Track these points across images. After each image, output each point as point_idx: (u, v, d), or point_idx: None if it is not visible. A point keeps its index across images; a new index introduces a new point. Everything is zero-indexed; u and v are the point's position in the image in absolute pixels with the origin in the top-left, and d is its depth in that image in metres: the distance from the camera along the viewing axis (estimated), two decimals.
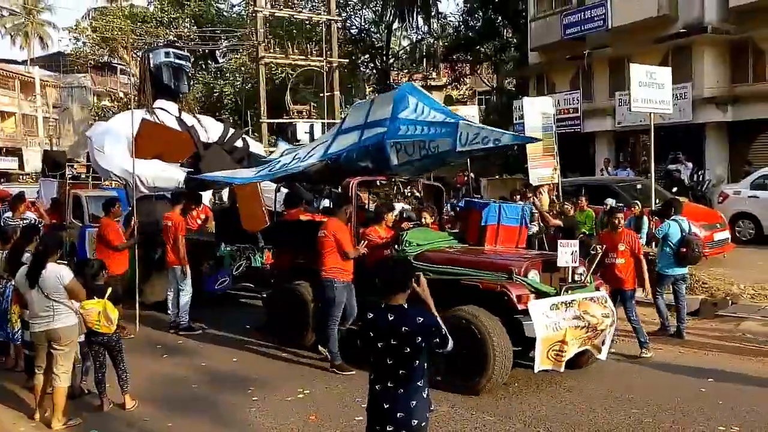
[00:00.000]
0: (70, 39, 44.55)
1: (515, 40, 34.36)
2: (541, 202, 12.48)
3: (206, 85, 34.88)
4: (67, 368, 6.42)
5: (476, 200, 9.94)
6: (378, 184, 10.08)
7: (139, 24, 34.77)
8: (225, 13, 37.73)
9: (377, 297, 4.01)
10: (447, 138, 7.72)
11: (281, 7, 28.28)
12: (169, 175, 11.68)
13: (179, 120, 13.13)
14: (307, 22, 31.75)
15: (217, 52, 38.48)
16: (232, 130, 13.18)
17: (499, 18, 34.96)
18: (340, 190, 9.49)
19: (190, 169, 11.68)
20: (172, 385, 7.66)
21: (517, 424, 6.19)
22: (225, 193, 14.19)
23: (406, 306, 3.94)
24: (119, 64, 41.98)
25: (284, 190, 10.91)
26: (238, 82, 34.80)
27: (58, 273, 6.31)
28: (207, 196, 13.64)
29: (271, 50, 28.09)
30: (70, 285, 6.31)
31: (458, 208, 12.25)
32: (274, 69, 30.98)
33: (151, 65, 13.43)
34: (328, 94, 28.18)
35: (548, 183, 13.43)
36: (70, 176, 18.44)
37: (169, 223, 9.93)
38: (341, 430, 6.21)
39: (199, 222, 12.10)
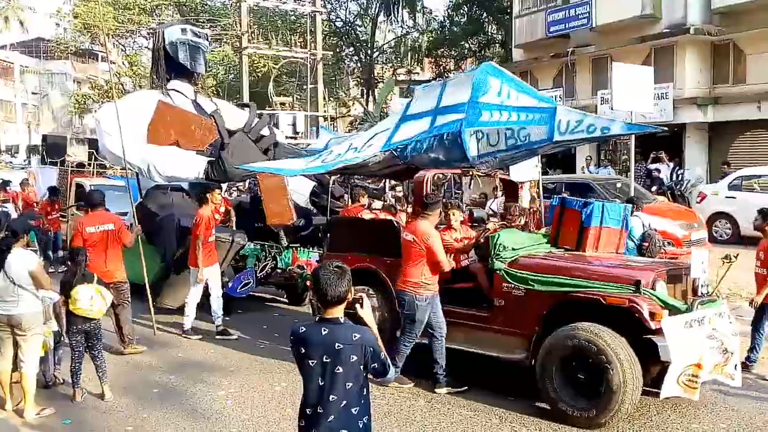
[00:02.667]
0: (51, 25, 44.06)
1: (499, 37, 34.48)
2: (520, 199, 12.48)
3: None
4: (32, 355, 6.35)
5: (573, 198, 8.82)
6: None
7: (121, 11, 34.42)
8: (209, 2, 37.48)
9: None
10: (542, 125, 6.77)
11: None
12: (188, 164, 10.52)
13: (195, 103, 11.99)
14: (291, 13, 31.61)
15: None
16: (257, 118, 11.68)
17: (484, 14, 35.02)
18: (408, 184, 8.72)
19: (210, 158, 10.56)
20: (148, 377, 7.58)
21: (493, 419, 6.20)
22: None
23: (343, 320, 3.48)
24: (101, 51, 41.56)
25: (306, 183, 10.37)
26: (221, 73, 34.60)
27: (23, 258, 6.25)
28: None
29: (255, 41, 27.92)
30: (35, 271, 6.25)
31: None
32: (256, 61, 30.81)
33: (166, 43, 12.02)
34: (312, 86, 28.09)
35: (529, 180, 13.44)
36: (74, 163, 17.19)
37: (194, 221, 9.08)
38: None
39: (218, 217, 10.53)
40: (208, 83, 33.74)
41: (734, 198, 16.03)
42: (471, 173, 8.35)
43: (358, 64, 41.48)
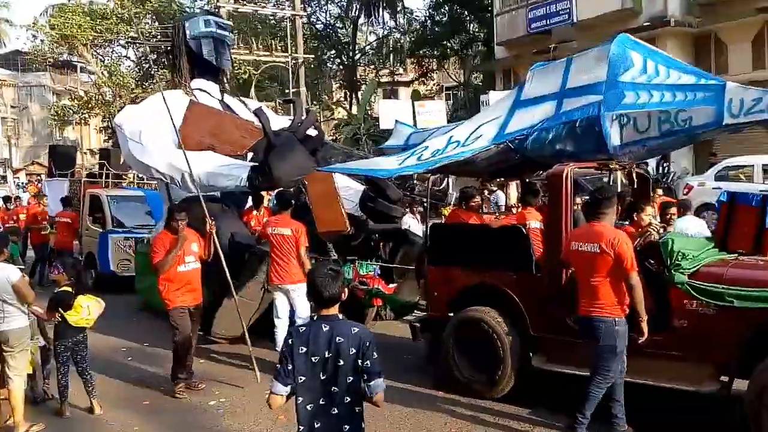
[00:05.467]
0: (27, 37, 43.73)
1: (481, 35, 34.51)
2: (508, 197, 12.43)
3: (169, 83, 34.40)
4: (19, 370, 6.23)
5: (747, 192, 7.34)
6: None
7: (98, 21, 34.18)
8: (187, 9, 37.25)
9: None
10: (707, 106, 5.80)
11: (245, 2, 28.00)
12: (227, 170, 9.19)
13: (223, 103, 10.90)
14: (271, 17, 31.51)
15: None
16: (304, 115, 10.00)
17: (465, 12, 35.07)
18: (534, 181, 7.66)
19: (254, 164, 9.31)
20: (138, 388, 7.52)
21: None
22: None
23: (341, 316, 3.63)
24: (79, 62, 41.27)
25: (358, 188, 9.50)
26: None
27: (5, 273, 6.12)
28: None
29: (236, 46, 27.76)
30: (17, 284, 6.12)
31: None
32: (237, 67, 30.66)
33: (188, 37, 10.82)
34: (294, 90, 28.00)
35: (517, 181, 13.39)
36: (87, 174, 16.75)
37: (287, 232, 8.01)
38: None
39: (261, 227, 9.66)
40: None
41: (721, 189, 16.05)
42: (610, 166, 6.92)
43: (341, 67, 41.43)
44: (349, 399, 3.54)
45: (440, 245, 7.38)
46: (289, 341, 3.57)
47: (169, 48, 12.24)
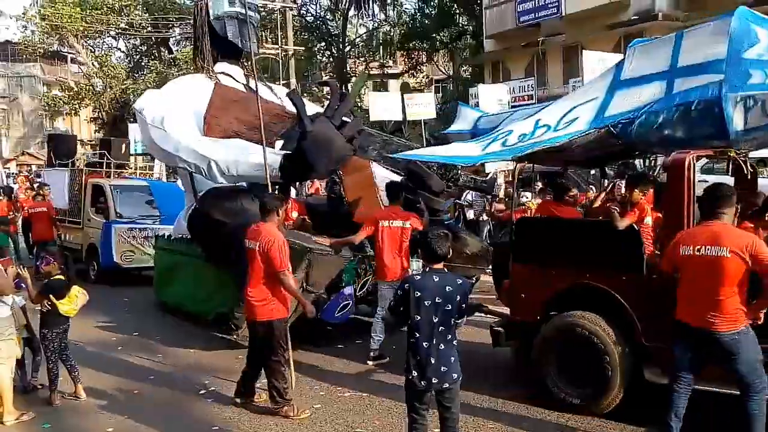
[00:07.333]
0: (18, 27, 43.48)
1: (471, 28, 34.54)
2: (497, 189, 12.50)
3: (159, 74, 34.39)
4: (3, 359, 6.27)
5: None
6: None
7: (89, 11, 34.06)
8: (177, 1, 37.15)
9: None
10: None
11: None
12: (258, 158, 8.02)
13: (248, 88, 10.08)
14: (261, 8, 31.41)
15: (170, 40, 37.93)
16: (339, 100, 9.00)
17: (455, 6, 35.07)
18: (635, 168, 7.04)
19: (286, 152, 8.47)
20: (128, 379, 7.53)
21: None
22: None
23: (446, 271, 4.54)
24: (69, 52, 41.10)
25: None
26: (192, 72, 34.38)
27: None
28: None
29: None
30: None
31: None
32: None
33: (211, 17, 10.05)
34: (284, 82, 28.00)
35: (504, 170, 13.53)
36: (85, 163, 16.19)
37: (398, 223, 7.61)
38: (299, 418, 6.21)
39: (291, 222, 8.94)
40: None
41: (706, 182, 16.20)
42: (729, 153, 6.01)
43: (331, 59, 41.36)
44: (450, 335, 4.43)
45: (530, 241, 6.54)
46: (405, 286, 4.47)
47: (160, 39, 12.07)
